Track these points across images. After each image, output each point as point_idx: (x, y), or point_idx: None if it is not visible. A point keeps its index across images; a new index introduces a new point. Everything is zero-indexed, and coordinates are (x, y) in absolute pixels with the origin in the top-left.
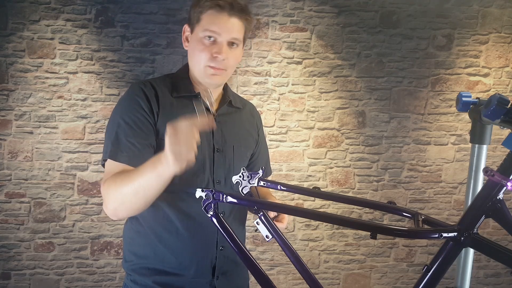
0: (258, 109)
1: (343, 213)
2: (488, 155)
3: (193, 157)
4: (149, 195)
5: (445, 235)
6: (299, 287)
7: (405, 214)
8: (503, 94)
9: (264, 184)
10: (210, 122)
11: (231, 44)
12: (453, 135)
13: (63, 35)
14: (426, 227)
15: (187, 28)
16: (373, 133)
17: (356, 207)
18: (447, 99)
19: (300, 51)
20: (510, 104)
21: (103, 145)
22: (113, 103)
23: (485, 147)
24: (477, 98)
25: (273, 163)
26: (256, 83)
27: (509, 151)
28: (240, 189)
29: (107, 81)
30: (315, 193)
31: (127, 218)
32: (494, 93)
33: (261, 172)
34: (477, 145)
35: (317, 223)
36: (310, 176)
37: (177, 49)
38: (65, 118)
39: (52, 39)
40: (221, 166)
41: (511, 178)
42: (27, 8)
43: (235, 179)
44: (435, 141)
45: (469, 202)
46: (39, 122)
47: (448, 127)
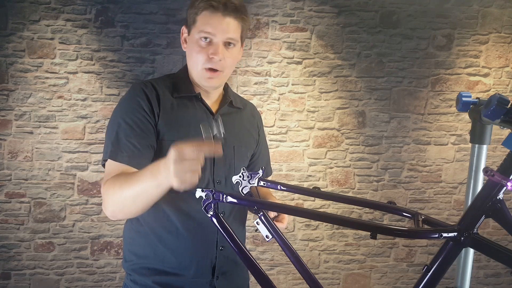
0: (258, 109)
1: (343, 213)
2: (488, 155)
3: (197, 180)
4: (148, 201)
5: (445, 235)
6: (299, 287)
7: (405, 214)
8: (503, 94)
9: (264, 184)
10: (217, 148)
11: (227, 44)
12: (453, 135)
13: (63, 35)
14: (426, 227)
15: (184, 29)
16: (373, 133)
17: (356, 207)
18: (447, 99)
19: (300, 51)
20: (510, 104)
21: (103, 145)
22: (113, 103)
23: (485, 147)
24: (477, 98)
25: (273, 163)
26: (256, 83)
27: (509, 151)
28: (240, 189)
29: (107, 81)
30: (315, 193)
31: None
32: (494, 93)
33: (261, 172)
34: (477, 145)
35: (317, 223)
36: (310, 176)
37: (177, 49)
38: (65, 118)
39: (52, 39)
40: (221, 166)
41: (511, 178)
42: (27, 8)
43: (235, 179)
44: (435, 141)
45: (469, 202)
46: (39, 122)
47: (448, 127)
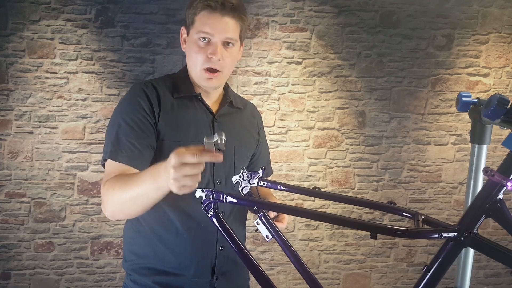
0: (258, 109)
1: (343, 213)
2: (488, 155)
3: (196, 186)
4: (148, 203)
5: (445, 235)
6: (299, 287)
7: (405, 214)
8: (503, 94)
9: (264, 184)
10: (217, 157)
11: (226, 44)
12: (453, 135)
13: (63, 35)
14: (426, 227)
15: (184, 30)
16: (373, 133)
17: (356, 207)
18: (447, 99)
19: (300, 51)
20: (510, 104)
21: (103, 145)
22: (113, 103)
23: (485, 147)
24: (477, 98)
25: (273, 163)
26: (256, 83)
27: (509, 151)
28: (240, 189)
29: (107, 81)
30: (315, 193)
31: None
32: (494, 93)
33: (261, 172)
34: (477, 145)
35: (317, 223)
36: (310, 176)
37: (177, 49)
38: (65, 118)
39: (52, 39)
40: (221, 166)
41: (511, 178)
42: (27, 8)
43: (235, 179)
44: (435, 141)
45: (469, 202)
46: (39, 122)
47: (448, 127)
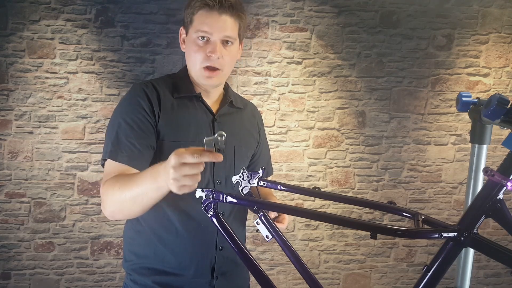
0: (258, 109)
1: (343, 213)
2: (488, 155)
3: (196, 187)
4: (147, 203)
5: (445, 235)
6: (299, 287)
7: (405, 214)
8: (503, 94)
9: (264, 184)
10: (217, 157)
11: (225, 42)
12: (453, 135)
13: (63, 35)
14: (426, 227)
15: (182, 30)
16: (373, 133)
17: (356, 207)
18: (447, 99)
19: (300, 51)
20: (510, 104)
21: (103, 145)
22: (113, 103)
23: (485, 147)
24: (477, 98)
25: (273, 163)
26: (256, 83)
27: (509, 151)
28: (240, 189)
29: (107, 81)
30: (315, 193)
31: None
32: (494, 93)
33: (261, 172)
34: (477, 145)
35: (317, 223)
36: (310, 176)
37: (177, 49)
38: (65, 118)
39: (52, 39)
40: (221, 166)
41: (511, 178)
42: (27, 8)
43: (235, 179)
44: (435, 141)
45: (469, 202)
46: (39, 122)
47: (448, 127)
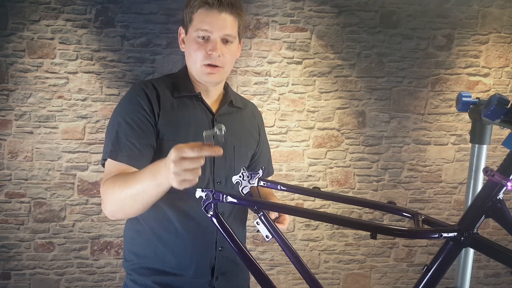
0: (258, 109)
1: (343, 213)
2: (488, 155)
3: (196, 181)
4: (148, 201)
5: (445, 235)
6: (299, 287)
7: (405, 214)
8: (503, 94)
9: (264, 184)
10: (217, 150)
11: (225, 41)
12: (453, 135)
13: (63, 35)
14: (426, 227)
15: (182, 30)
16: (373, 133)
17: (356, 207)
18: (447, 99)
19: (300, 51)
20: (510, 104)
21: (103, 145)
22: (113, 103)
23: (485, 147)
24: (477, 98)
25: (273, 163)
26: (256, 83)
27: (509, 151)
28: (240, 189)
29: (107, 81)
30: (315, 193)
31: (127, 218)
32: (494, 93)
33: (261, 172)
34: (477, 145)
35: (317, 223)
36: (310, 176)
37: (177, 49)
38: (65, 118)
39: (52, 39)
40: (221, 166)
41: (511, 178)
42: (27, 8)
43: (235, 179)
44: (435, 141)
45: (469, 202)
46: (39, 122)
47: (448, 127)
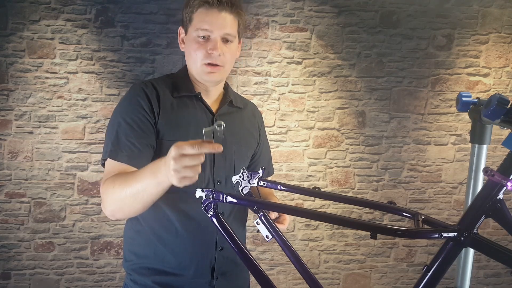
0: (258, 109)
1: (343, 213)
2: (488, 155)
3: (196, 178)
4: (148, 200)
5: (445, 235)
6: (299, 287)
7: (405, 214)
8: (503, 94)
9: (264, 184)
10: (217, 147)
11: (225, 40)
12: (453, 135)
13: (63, 35)
14: (426, 227)
15: (181, 30)
16: (373, 133)
17: (356, 207)
18: (447, 99)
19: (300, 51)
20: (510, 104)
21: (103, 145)
22: (113, 103)
23: (485, 147)
24: (477, 98)
25: (273, 163)
26: (256, 83)
27: (509, 151)
28: (240, 189)
29: (107, 81)
30: (315, 193)
31: (128, 218)
32: (494, 93)
33: (261, 172)
34: (477, 145)
35: (317, 223)
36: (310, 176)
37: (177, 49)
38: (65, 118)
39: (52, 39)
40: (221, 166)
41: (511, 178)
42: (27, 8)
43: (235, 179)
44: (435, 141)
45: (469, 202)
46: (39, 122)
47: (448, 127)
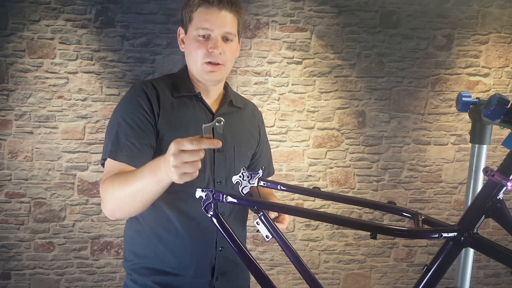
0: (258, 109)
1: (343, 213)
2: (488, 155)
3: (197, 174)
4: (147, 198)
5: (445, 235)
6: (299, 287)
7: (405, 214)
8: (503, 94)
9: (264, 184)
10: (216, 143)
11: (225, 39)
12: (453, 135)
13: (63, 35)
14: (426, 227)
15: (181, 30)
16: (373, 133)
17: (356, 207)
18: (447, 99)
19: (300, 51)
20: (510, 104)
21: (103, 145)
22: (113, 103)
23: (485, 147)
24: (477, 98)
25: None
26: (256, 83)
27: (509, 151)
28: (240, 189)
29: (107, 81)
30: (315, 193)
31: (127, 217)
32: (494, 93)
33: (261, 172)
34: (477, 145)
35: (317, 223)
36: (310, 176)
37: (177, 49)
38: (65, 118)
39: (52, 39)
40: (221, 166)
41: (511, 178)
42: (27, 8)
43: (235, 179)
44: (435, 141)
45: (469, 202)
46: (39, 122)
47: (448, 127)
